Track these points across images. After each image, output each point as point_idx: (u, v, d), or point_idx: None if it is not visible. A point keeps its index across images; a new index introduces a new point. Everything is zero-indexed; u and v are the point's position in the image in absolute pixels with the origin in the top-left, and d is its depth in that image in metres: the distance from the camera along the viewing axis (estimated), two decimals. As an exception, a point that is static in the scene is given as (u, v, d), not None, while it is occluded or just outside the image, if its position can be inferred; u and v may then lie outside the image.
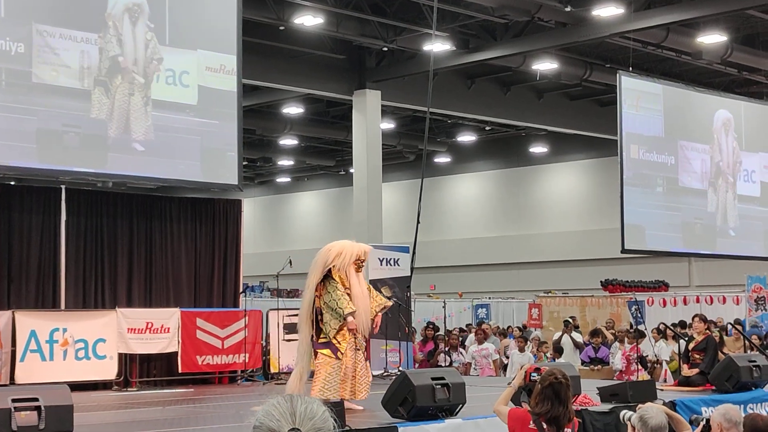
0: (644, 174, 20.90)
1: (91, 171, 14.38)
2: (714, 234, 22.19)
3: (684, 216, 21.58)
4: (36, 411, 7.67)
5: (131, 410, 11.89)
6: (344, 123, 28.73)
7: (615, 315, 23.81)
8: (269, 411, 2.52)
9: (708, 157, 22.21)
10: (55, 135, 13.79)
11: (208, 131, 15.28)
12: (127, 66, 14.42)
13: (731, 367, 12.59)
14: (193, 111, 15.12)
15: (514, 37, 22.18)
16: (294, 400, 2.54)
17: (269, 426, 2.50)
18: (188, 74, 15.08)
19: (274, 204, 43.15)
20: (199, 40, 15.28)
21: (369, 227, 23.73)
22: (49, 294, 14.42)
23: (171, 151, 14.90)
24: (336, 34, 21.82)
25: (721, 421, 6.71)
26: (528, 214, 35.71)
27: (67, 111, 13.87)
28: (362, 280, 11.15)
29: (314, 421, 2.51)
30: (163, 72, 14.79)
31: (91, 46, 14.12)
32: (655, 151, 21.12)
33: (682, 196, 21.66)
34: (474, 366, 18.74)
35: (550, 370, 7.14)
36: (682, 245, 21.97)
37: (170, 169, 15.02)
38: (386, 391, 9.97)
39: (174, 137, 14.92)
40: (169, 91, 14.89)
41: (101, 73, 14.17)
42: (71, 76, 13.94)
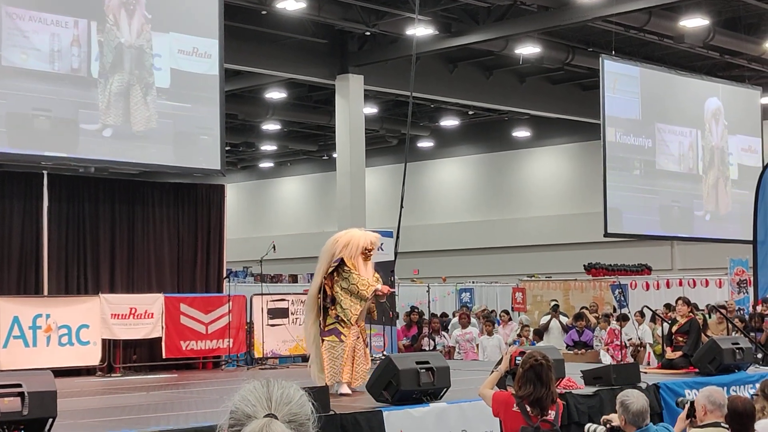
0: (621, 157, 20.94)
1: (62, 155, 14.29)
2: (691, 217, 22.27)
3: (661, 199, 21.63)
4: (19, 397, 7.63)
5: (115, 396, 11.86)
6: (327, 108, 28.67)
7: (598, 298, 23.88)
8: (245, 396, 2.50)
9: (686, 140, 22.28)
10: (25, 119, 13.69)
11: (181, 114, 15.18)
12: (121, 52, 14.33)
13: (714, 349, 12.65)
14: (165, 94, 15.03)
15: (497, 21, 22.15)
16: (270, 385, 2.51)
17: (245, 411, 2.47)
18: (160, 57, 14.98)
19: (257, 189, 43.06)
20: (172, 24, 15.16)
21: (352, 212, 23.71)
22: (31, 280, 14.37)
23: (144, 135, 14.79)
24: (318, 18, 21.74)
25: (706, 404, 6.74)
26: (511, 198, 35.74)
27: (37, 94, 13.77)
28: (370, 269, 11.24)
29: (290, 406, 2.48)
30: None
31: (62, 29, 14.02)
32: (632, 134, 21.16)
33: (659, 179, 21.71)
34: (458, 350, 18.77)
35: (530, 353, 7.18)
36: (660, 228, 22.04)
37: (142, 152, 14.92)
38: (371, 375, 9.98)
39: (147, 120, 14.81)
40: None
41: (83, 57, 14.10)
42: (41, 59, 13.84)
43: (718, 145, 22.74)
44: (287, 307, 16.16)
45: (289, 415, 2.46)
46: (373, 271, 11.40)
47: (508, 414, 7.00)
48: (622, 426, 6.74)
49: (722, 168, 22.67)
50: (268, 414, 2.44)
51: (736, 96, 23.87)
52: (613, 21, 21.05)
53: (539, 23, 21.98)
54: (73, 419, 8.74)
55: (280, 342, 15.97)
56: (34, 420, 7.73)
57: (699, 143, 22.72)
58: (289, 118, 31.52)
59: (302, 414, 2.49)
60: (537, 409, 6.88)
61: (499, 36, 22.63)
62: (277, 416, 2.44)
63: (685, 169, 22.27)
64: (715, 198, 22.50)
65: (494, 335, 18.75)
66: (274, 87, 27.62)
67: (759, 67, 25.88)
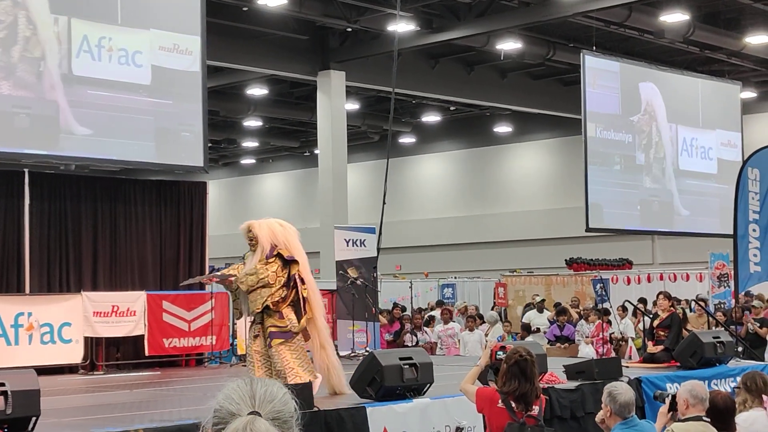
0: (602, 152, 21.01)
1: (42, 153, 14.25)
2: (671, 211, 22.37)
3: (641, 194, 21.73)
4: (2, 396, 7.62)
5: (98, 394, 11.85)
6: (308, 104, 28.67)
7: (580, 293, 23.97)
8: (229, 394, 2.52)
9: (666, 134, 22.39)
10: (5, 117, 13.66)
11: (162, 111, 15.16)
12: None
13: (695, 343, 12.72)
14: (146, 91, 15.00)
15: (478, 16, 22.19)
16: (254, 383, 2.53)
17: (229, 409, 2.49)
18: (141, 54, 14.95)
19: (239, 185, 43.00)
20: (152, 20, 15.12)
21: (334, 208, 23.73)
22: (13, 278, 14.31)
23: (124, 132, 14.77)
24: (299, 14, 21.74)
25: (688, 397, 6.78)
26: (493, 193, 35.81)
27: (17, 92, 13.73)
28: (255, 258, 10.88)
29: (274, 404, 2.51)
30: (115, 51, 14.65)
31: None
32: (612, 129, 21.23)
33: (639, 174, 21.80)
34: (440, 345, 18.82)
35: (514, 348, 7.19)
36: (640, 223, 22.14)
37: (123, 149, 14.89)
38: (354, 371, 9.99)
39: (127, 117, 14.79)
40: (122, 70, 14.76)
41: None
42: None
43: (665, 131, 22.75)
44: (270, 303, 16.13)
45: (272, 412, 2.48)
46: (256, 262, 10.83)
47: (493, 410, 7.02)
48: (607, 417, 6.79)
49: (667, 154, 22.65)
50: (251, 412, 2.46)
51: (716, 91, 23.98)
52: (593, 16, 21.12)
53: (520, 19, 22.03)
54: (56, 417, 8.73)
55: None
56: (18, 419, 7.72)
57: (678, 137, 22.80)
58: (271, 115, 31.50)
59: (286, 411, 2.51)
60: (522, 405, 6.91)
61: (480, 32, 22.68)
62: (261, 414, 2.46)
63: (648, 161, 22.37)
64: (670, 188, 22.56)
65: (475, 331, 18.80)
66: (256, 83, 27.59)
67: (738, 61, 26.01)
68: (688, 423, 6.69)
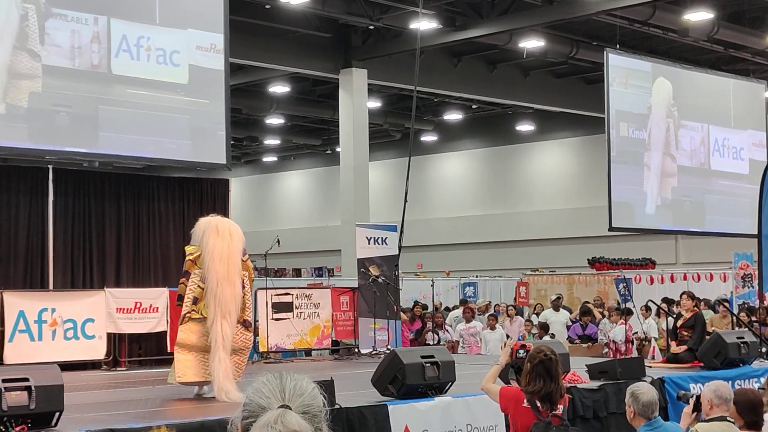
0: (634, 152, 20.94)
1: (82, 151, 14.38)
2: (703, 212, 22.27)
3: (673, 193, 21.64)
4: (26, 391, 7.65)
5: (121, 390, 11.89)
6: (330, 102, 28.68)
7: (602, 293, 23.88)
8: (259, 388, 2.52)
9: (698, 135, 22.29)
10: (45, 114, 13.77)
11: (198, 110, 15.28)
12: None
13: (719, 343, 12.65)
14: (183, 90, 15.11)
15: (501, 14, 22.15)
16: (283, 377, 2.54)
17: (259, 403, 2.50)
18: (178, 53, 15.06)
19: (260, 183, 43.09)
20: (189, 20, 15.24)
21: (356, 206, 23.74)
22: (37, 274, 14.39)
23: (162, 131, 14.90)
24: (322, 12, 21.75)
25: (712, 398, 6.75)
26: (515, 192, 35.73)
27: (57, 91, 13.85)
28: None
29: (303, 398, 2.52)
30: (153, 51, 14.77)
31: (82, 26, 14.10)
32: (644, 129, 21.14)
33: (670, 174, 21.71)
34: (462, 344, 18.79)
35: (538, 348, 7.15)
36: (672, 223, 22.05)
37: (160, 148, 15.02)
38: (376, 369, 9.98)
39: (164, 116, 14.91)
40: (160, 70, 14.87)
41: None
42: (61, 55, 13.92)
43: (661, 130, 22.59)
44: (291, 301, 16.17)
45: (302, 406, 2.49)
46: None
47: (518, 410, 6.99)
48: (631, 418, 6.76)
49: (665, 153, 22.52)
50: (282, 405, 2.47)
51: (745, 90, 23.82)
52: (617, 15, 21.04)
53: (543, 17, 21.97)
54: (79, 413, 8.75)
55: (284, 336, 15.98)
56: (41, 414, 7.76)
57: (710, 137, 22.70)
58: (293, 113, 31.54)
59: (315, 406, 2.52)
60: (547, 404, 6.88)
61: (503, 30, 22.63)
62: (291, 407, 2.46)
63: (696, 163, 22.27)
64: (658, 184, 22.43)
65: (497, 329, 18.76)
66: (278, 81, 27.63)
67: (763, 60, 25.86)
68: (712, 423, 6.66)
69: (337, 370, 13.18)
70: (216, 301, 10.32)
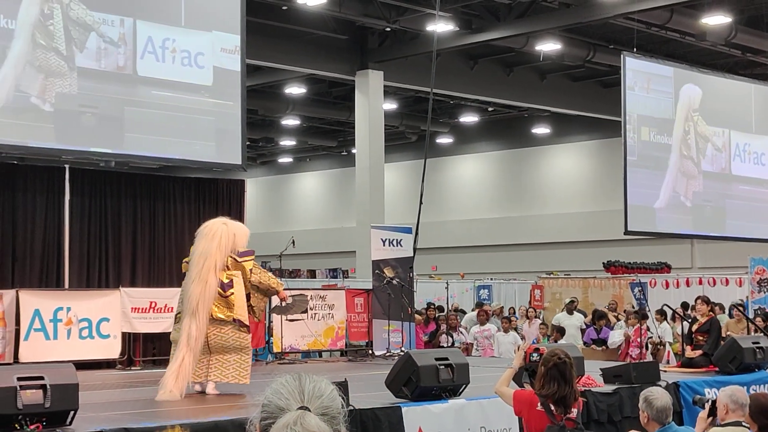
0: (655, 156, 20.94)
1: (108, 151, 14.47)
2: (723, 216, 22.24)
3: (694, 198, 21.61)
4: (41, 389, 7.68)
5: (135, 389, 11.91)
6: (346, 103, 28.70)
7: (617, 296, 23.79)
8: (278, 389, 2.52)
9: (719, 140, 22.25)
10: (72, 115, 13.85)
11: (222, 112, 15.36)
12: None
13: (735, 348, 12.60)
14: (208, 92, 15.19)
15: (518, 17, 22.13)
16: (302, 379, 2.54)
17: (277, 404, 2.50)
18: (203, 55, 15.15)
19: (276, 184, 43.13)
20: (213, 22, 15.33)
21: (371, 208, 23.75)
22: (53, 273, 14.44)
23: (187, 133, 14.98)
24: (339, 14, 21.77)
25: (728, 403, 6.72)
26: (530, 195, 35.69)
27: (84, 92, 13.93)
28: None
29: (322, 399, 2.51)
30: (179, 53, 14.85)
31: (108, 27, 14.21)
32: (666, 134, 21.13)
33: (691, 178, 21.69)
34: (476, 347, 18.76)
35: (552, 351, 7.13)
36: (692, 227, 22.03)
37: (184, 149, 15.10)
38: (390, 371, 9.98)
39: (189, 118, 14.99)
40: (185, 72, 14.95)
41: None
42: (88, 56, 14.01)
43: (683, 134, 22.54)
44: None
45: (321, 408, 2.49)
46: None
47: (531, 413, 6.98)
48: (645, 423, 6.74)
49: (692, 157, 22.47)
50: (301, 407, 2.46)
51: (763, 95, 23.72)
52: (634, 18, 20.99)
53: (560, 20, 21.94)
54: (94, 412, 8.77)
55: (298, 337, 16.00)
56: (56, 412, 7.78)
57: (732, 142, 22.64)
58: (309, 114, 31.58)
59: (334, 407, 2.52)
60: (561, 408, 6.86)
61: (519, 33, 22.62)
62: (310, 409, 2.46)
63: (717, 168, 22.22)
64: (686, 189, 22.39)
65: (510, 332, 18.72)
66: (294, 82, 27.67)
67: (781, 65, 25.79)
68: (727, 428, 6.63)
69: (350, 372, 13.18)
70: (186, 299, 10.66)
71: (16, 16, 13.43)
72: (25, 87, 13.50)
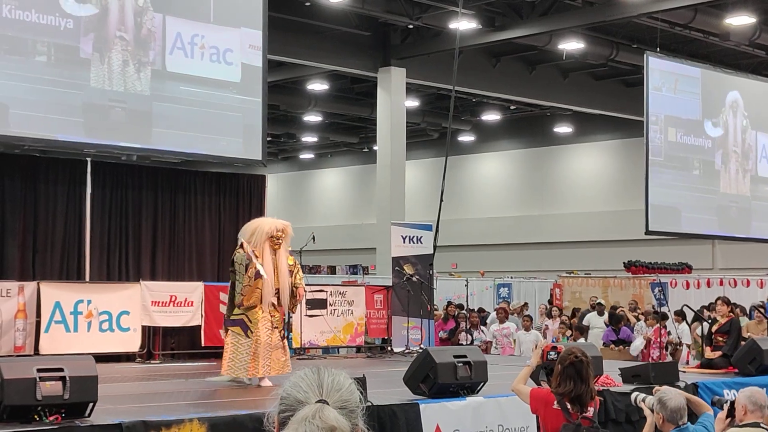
0: (682, 157, 20.92)
1: (137, 146, 14.55)
2: (749, 218, 22.17)
3: (720, 199, 21.56)
4: (61, 381, 7.72)
5: (154, 382, 11.97)
6: (368, 100, 28.70)
7: (638, 296, 23.72)
8: (296, 383, 2.52)
9: (746, 140, 22.20)
10: (102, 110, 13.93)
11: (250, 108, 15.41)
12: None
13: (754, 349, 12.55)
14: (236, 88, 15.24)
15: (541, 15, 22.08)
16: (321, 372, 2.54)
17: (296, 397, 2.50)
18: (232, 52, 15.20)
19: (297, 180, 43.20)
20: (241, 18, 15.38)
21: (392, 205, 23.75)
22: (73, 266, 14.51)
23: (213, 128, 15.03)
24: (361, 10, 21.77)
25: (747, 404, 6.69)
26: (551, 194, 35.61)
27: (112, 87, 14.02)
28: (281, 257, 11.21)
29: (341, 393, 2.52)
30: (207, 49, 14.91)
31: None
32: (692, 134, 21.09)
33: (718, 179, 21.65)
34: (495, 345, 18.75)
35: (569, 350, 7.11)
36: (718, 228, 21.99)
37: (211, 145, 15.16)
38: (408, 367, 9.99)
39: (217, 114, 15.05)
40: (213, 68, 15.01)
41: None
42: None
43: (734, 138, 22.48)
44: (326, 298, 16.20)
45: (340, 401, 2.49)
46: (293, 262, 11.46)
47: (548, 412, 6.97)
48: (660, 424, 6.71)
49: (742, 160, 22.41)
50: (319, 400, 2.47)
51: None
52: (658, 17, 20.91)
53: (583, 19, 21.88)
54: (113, 404, 8.82)
55: (318, 333, 16.02)
56: (75, 404, 7.83)
57: (758, 143, 22.56)
58: (331, 110, 31.60)
59: (352, 401, 2.52)
60: (577, 406, 6.85)
61: (542, 31, 22.57)
62: (329, 402, 2.47)
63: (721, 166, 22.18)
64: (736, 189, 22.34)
65: (531, 331, 18.70)
66: (317, 78, 27.69)
67: (805, 66, 25.63)
68: (745, 429, 6.61)
69: (369, 368, 13.20)
70: None
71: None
72: (56, 80, 13.60)
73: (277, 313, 11.21)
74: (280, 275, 11.12)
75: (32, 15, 13.34)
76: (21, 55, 13.36)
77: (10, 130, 13.25)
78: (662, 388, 6.98)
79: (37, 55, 13.51)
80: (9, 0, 13.13)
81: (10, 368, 7.76)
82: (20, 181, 14.18)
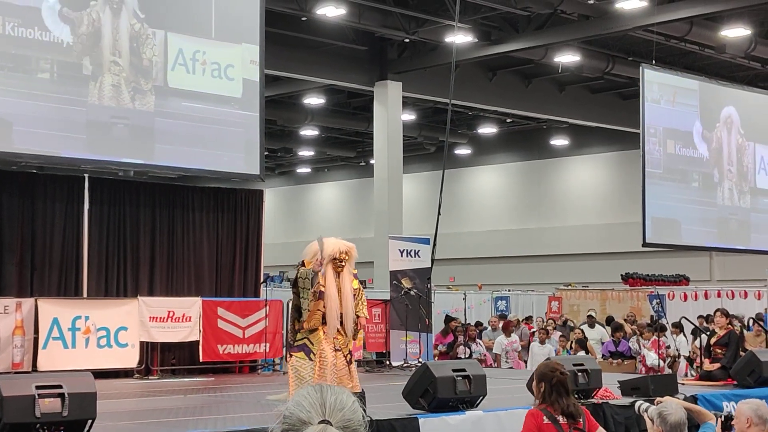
0: (681, 169, 20.95)
1: (139, 162, 14.57)
2: (749, 230, 22.20)
3: (719, 211, 21.59)
4: (60, 398, 7.70)
5: (153, 398, 11.94)
6: (365, 114, 28.72)
7: (635, 309, 23.74)
8: (299, 401, 2.50)
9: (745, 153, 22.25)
10: (104, 126, 13.94)
11: (250, 123, 15.44)
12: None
13: (753, 361, 12.54)
14: (237, 104, 15.27)
15: (537, 29, 22.12)
16: (324, 391, 2.52)
17: (299, 417, 2.48)
18: (233, 67, 15.24)
19: (294, 194, 43.19)
20: (242, 34, 15.43)
21: (389, 218, 23.74)
22: (71, 282, 14.49)
23: (215, 144, 15.05)
24: (358, 25, 21.80)
25: (752, 416, 6.68)
26: (548, 206, 35.63)
27: (115, 103, 14.05)
28: (345, 279, 10.48)
29: (344, 412, 2.50)
30: (209, 65, 14.95)
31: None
32: (691, 147, 21.13)
33: (717, 192, 21.68)
34: (505, 359, 18.66)
35: (550, 366, 7.09)
36: (717, 240, 22.00)
37: (212, 160, 15.18)
38: (407, 382, 9.97)
39: (218, 129, 15.07)
40: (215, 84, 15.04)
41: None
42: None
43: (729, 154, 22.53)
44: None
45: (342, 421, 2.47)
46: (356, 285, 10.72)
47: (541, 429, 6.96)
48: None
49: (738, 180, 22.43)
50: (322, 420, 2.45)
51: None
52: (653, 30, 20.95)
53: (579, 32, 21.92)
54: (112, 421, 8.80)
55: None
56: (74, 421, 7.81)
57: (756, 155, 22.60)
58: (328, 124, 31.61)
59: (355, 420, 2.50)
60: (571, 420, 6.87)
61: (538, 44, 22.60)
62: (332, 422, 2.45)
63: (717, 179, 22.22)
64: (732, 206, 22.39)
65: (546, 344, 18.58)
66: (313, 93, 27.71)
67: (801, 77, 25.69)
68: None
69: (368, 383, 13.18)
70: None
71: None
72: (60, 97, 13.63)
73: (341, 337, 10.38)
74: (343, 299, 10.35)
75: (35, 32, 13.37)
76: (24, 72, 13.40)
77: (14, 146, 13.28)
78: (664, 400, 6.95)
79: (40, 72, 13.55)
80: (12, 17, 13.16)
81: (9, 385, 7.73)
82: (18, 197, 14.17)
